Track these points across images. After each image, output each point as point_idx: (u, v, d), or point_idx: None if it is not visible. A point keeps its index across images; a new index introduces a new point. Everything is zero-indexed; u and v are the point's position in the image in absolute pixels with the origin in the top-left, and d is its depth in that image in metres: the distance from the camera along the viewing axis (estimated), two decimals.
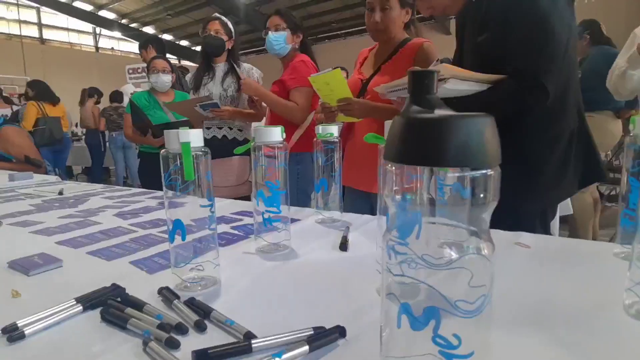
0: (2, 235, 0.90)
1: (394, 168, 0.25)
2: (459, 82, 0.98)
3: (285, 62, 1.85)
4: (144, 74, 5.67)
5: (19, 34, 11.59)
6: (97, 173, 5.79)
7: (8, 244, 0.83)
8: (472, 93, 1.01)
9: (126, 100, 5.03)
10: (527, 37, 0.95)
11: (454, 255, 0.25)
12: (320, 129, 0.89)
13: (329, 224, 0.91)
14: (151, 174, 2.41)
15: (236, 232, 0.86)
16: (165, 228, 0.90)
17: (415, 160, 0.23)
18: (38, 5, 11.97)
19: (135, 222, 0.98)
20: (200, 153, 0.55)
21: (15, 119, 4.58)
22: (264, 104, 1.99)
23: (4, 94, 5.41)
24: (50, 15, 12.35)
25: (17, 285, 0.61)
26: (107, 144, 5.54)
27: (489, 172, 0.23)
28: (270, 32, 1.81)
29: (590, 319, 0.47)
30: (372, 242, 0.77)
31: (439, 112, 0.23)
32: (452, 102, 1.05)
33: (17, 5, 11.55)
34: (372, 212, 1.56)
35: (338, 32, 12.63)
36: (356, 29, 12.42)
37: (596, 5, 5.85)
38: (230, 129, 2.06)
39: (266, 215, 0.71)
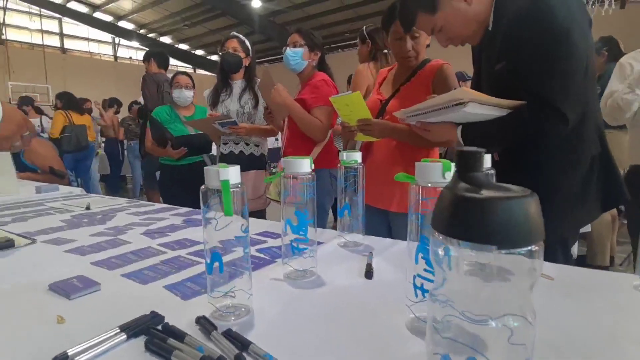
0: (38, 254, 0.94)
1: (440, 237, 0.27)
2: (478, 106, 0.99)
3: (303, 78, 1.89)
4: None
5: (41, 43, 11.98)
6: (114, 181, 5.92)
7: (45, 264, 0.87)
8: (491, 118, 1.02)
9: None
10: (545, 61, 0.95)
11: (494, 323, 0.27)
12: (344, 155, 0.91)
13: (352, 248, 0.93)
14: (171, 185, 2.47)
15: (262, 255, 0.89)
16: (193, 249, 0.94)
17: (462, 236, 0.25)
18: (60, 16, 12.36)
19: (163, 242, 1.01)
20: (238, 189, 0.57)
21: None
22: (279, 120, 2.02)
23: (35, 104, 5.60)
24: (71, 26, 12.74)
25: (59, 309, 0.64)
26: (125, 152, 5.66)
27: (534, 248, 0.25)
28: (288, 48, 1.85)
29: (606, 353, 0.48)
30: (396, 268, 0.79)
31: (485, 192, 0.25)
32: (472, 126, 1.07)
33: (40, 15, 11.95)
34: (389, 229, 1.58)
35: (350, 42, 12.71)
36: None
37: (612, 18, 5.80)
38: (247, 144, 2.10)
39: (294, 243, 0.73)
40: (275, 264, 0.83)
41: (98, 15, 12.53)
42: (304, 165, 0.71)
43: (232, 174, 0.56)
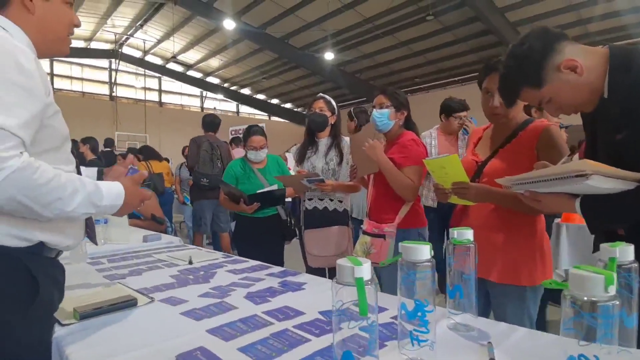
0: (158, 316, 1.02)
1: None
2: (603, 179, 0.91)
3: (389, 137, 1.90)
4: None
5: (143, 98, 13.84)
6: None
7: (166, 327, 0.94)
8: (617, 192, 0.92)
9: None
10: None
11: None
12: (455, 233, 0.88)
13: (465, 333, 0.87)
14: (246, 237, 2.47)
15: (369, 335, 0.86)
16: (298, 321, 0.95)
17: None
18: (160, 75, 14.26)
19: (267, 309, 1.04)
20: (369, 286, 0.57)
21: None
22: (364, 177, 2.03)
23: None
24: (168, 83, 14.60)
25: None
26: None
27: None
28: (375, 110, 1.89)
29: None
30: None
31: None
32: (594, 199, 0.97)
33: (144, 75, 13.91)
34: (486, 296, 1.46)
35: (421, 86, 12.76)
36: (439, 82, 12.46)
37: None
38: (331, 200, 2.14)
39: (415, 334, 0.70)
40: (387, 348, 0.80)
41: (190, 73, 14.24)
42: (424, 252, 0.69)
43: (366, 270, 0.56)
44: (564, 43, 1.01)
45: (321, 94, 2.27)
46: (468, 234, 0.87)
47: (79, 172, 1.00)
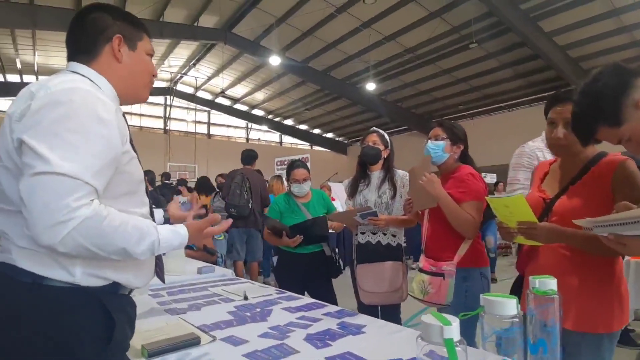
0: (223, 358, 1.02)
1: None
2: None
3: (444, 170, 1.85)
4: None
5: (193, 131, 14.66)
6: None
7: None
8: None
9: None
10: None
11: None
12: (537, 283, 0.82)
13: None
14: (287, 271, 2.43)
15: None
16: None
17: None
18: (209, 109, 15.12)
19: (329, 354, 1.01)
20: (458, 348, 0.54)
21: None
22: (416, 209, 1.98)
23: (188, 185, 6.65)
24: (216, 116, 15.42)
25: None
26: None
27: None
28: (429, 141, 1.85)
29: None
30: None
31: None
32: None
33: (195, 110, 14.82)
34: (563, 350, 1.33)
35: (464, 113, 12.49)
36: (484, 108, 12.15)
37: None
38: (384, 234, 2.09)
39: None
40: None
41: (237, 106, 14.99)
42: (511, 307, 0.65)
43: (456, 330, 0.53)
44: None
45: (374, 128, 2.27)
46: (551, 283, 0.81)
47: (151, 212, 1.05)
